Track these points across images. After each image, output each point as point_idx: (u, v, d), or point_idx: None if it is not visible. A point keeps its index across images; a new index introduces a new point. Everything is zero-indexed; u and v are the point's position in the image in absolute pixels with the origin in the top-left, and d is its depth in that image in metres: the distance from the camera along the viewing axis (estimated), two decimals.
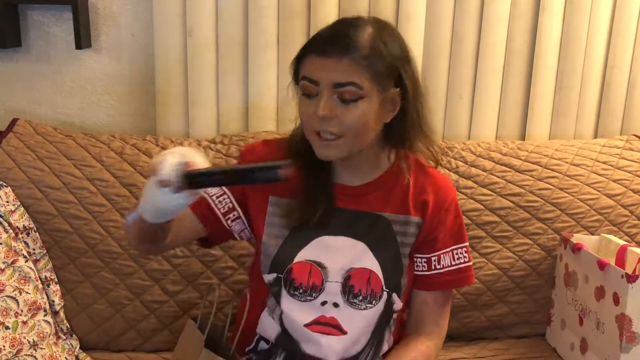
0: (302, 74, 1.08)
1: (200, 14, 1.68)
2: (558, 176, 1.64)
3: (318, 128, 1.07)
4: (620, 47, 1.79)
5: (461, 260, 1.21)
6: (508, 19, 1.74)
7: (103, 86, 1.78)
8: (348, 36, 1.05)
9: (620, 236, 1.61)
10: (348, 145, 1.08)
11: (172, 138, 1.69)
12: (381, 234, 1.16)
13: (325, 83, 1.05)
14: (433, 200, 1.19)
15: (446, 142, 1.72)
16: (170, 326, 1.53)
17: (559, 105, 1.81)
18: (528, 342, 1.61)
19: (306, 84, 1.07)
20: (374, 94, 1.06)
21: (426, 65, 1.75)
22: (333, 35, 1.07)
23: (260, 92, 1.72)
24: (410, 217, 1.17)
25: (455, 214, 1.22)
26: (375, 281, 1.15)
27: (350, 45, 1.04)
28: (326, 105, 1.04)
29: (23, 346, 1.35)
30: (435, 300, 1.22)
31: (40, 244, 1.51)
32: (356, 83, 1.04)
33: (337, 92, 1.05)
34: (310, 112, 1.07)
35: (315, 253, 1.15)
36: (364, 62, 1.04)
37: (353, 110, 1.05)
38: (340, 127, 1.06)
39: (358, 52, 1.04)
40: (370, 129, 1.09)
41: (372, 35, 1.07)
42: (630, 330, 1.30)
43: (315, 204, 1.14)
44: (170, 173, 0.88)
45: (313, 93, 1.06)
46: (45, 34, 1.74)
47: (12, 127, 1.64)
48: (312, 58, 1.06)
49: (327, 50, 1.05)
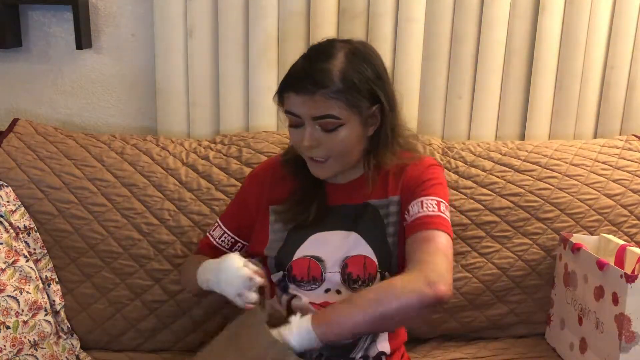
0: (285, 107, 1.18)
1: (201, 14, 1.68)
2: (557, 176, 1.64)
3: (307, 154, 1.19)
4: (620, 47, 1.79)
5: (429, 209, 1.18)
6: (508, 19, 1.74)
7: (103, 86, 1.79)
8: (320, 71, 1.13)
9: (620, 236, 1.61)
10: (337, 164, 1.20)
11: (173, 138, 1.70)
12: (370, 221, 1.24)
13: (305, 116, 1.15)
14: (410, 173, 1.24)
15: (446, 142, 1.73)
16: (170, 326, 1.53)
17: (559, 105, 1.81)
18: (527, 341, 1.61)
19: (290, 117, 1.18)
20: (353, 118, 1.16)
21: (426, 65, 1.75)
22: (305, 71, 1.15)
23: (260, 92, 1.72)
24: (390, 197, 1.24)
25: (429, 176, 1.23)
26: (371, 265, 1.22)
27: (322, 81, 1.12)
28: (310, 137, 1.16)
29: (24, 346, 1.35)
30: (414, 241, 1.16)
31: (40, 243, 1.51)
32: (332, 115, 1.14)
33: (318, 123, 1.14)
34: (299, 141, 1.18)
35: (312, 249, 1.24)
36: (337, 95, 1.13)
37: (335, 137, 1.16)
38: (327, 151, 1.17)
39: (331, 86, 1.12)
40: (354, 148, 1.20)
41: (343, 66, 1.14)
42: (629, 330, 1.30)
43: (310, 205, 1.25)
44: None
45: (298, 124, 1.17)
46: (45, 34, 1.75)
47: (13, 127, 1.64)
48: (289, 95, 1.16)
49: (301, 87, 1.14)
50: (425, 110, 1.79)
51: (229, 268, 1.15)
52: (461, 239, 1.58)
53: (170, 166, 1.60)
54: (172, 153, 1.64)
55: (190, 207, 1.56)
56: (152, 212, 1.55)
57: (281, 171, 1.31)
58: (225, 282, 1.15)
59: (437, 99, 1.78)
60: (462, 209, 1.59)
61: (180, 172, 1.60)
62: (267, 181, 1.33)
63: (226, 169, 1.61)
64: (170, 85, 1.73)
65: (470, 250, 1.58)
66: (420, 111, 1.79)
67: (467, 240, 1.58)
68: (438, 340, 1.60)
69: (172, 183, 1.58)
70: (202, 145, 1.67)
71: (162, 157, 1.62)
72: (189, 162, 1.62)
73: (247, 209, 1.33)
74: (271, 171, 1.34)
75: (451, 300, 1.35)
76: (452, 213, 1.57)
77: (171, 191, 1.57)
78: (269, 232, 1.28)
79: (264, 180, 1.33)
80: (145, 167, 1.59)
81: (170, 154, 1.63)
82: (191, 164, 1.62)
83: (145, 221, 1.54)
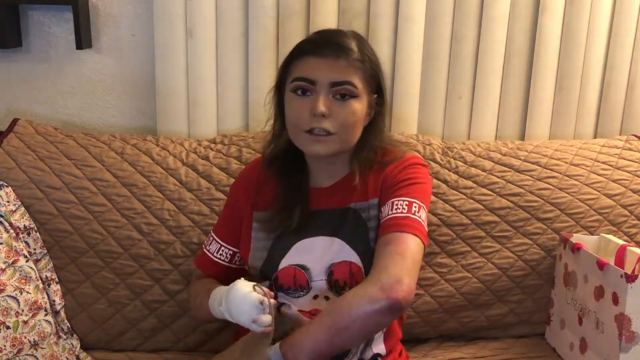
0: (296, 74, 1.15)
1: (201, 14, 1.68)
2: (557, 176, 1.64)
3: (311, 126, 1.14)
4: (620, 47, 1.79)
5: (398, 211, 1.14)
6: (508, 19, 1.74)
7: (103, 86, 1.79)
8: (341, 40, 1.15)
9: (620, 236, 1.61)
10: (338, 142, 1.16)
11: (173, 138, 1.70)
12: (352, 226, 1.21)
13: (323, 82, 1.12)
14: (387, 174, 1.22)
15: (446, 142, 1.73)
16: (170, 326, 1.53)
17: (559, 105, 1.81)
18: (527, 341, 1.60)
19: (301, 83, 1.14)
20: (364, 94, 1.16)
21: (426, 65, 1.75)
22: (326, 39, 1.16)
23: (260, 92, 1.72)
24: (370, 200, 1.22)
25: (407, 175, 1.20)
26: (357, 270, 1.19)
27: (344, 47, 1.14)
28: (325, 103, 1.12)
29: (24, 346, 1.35)
30: (378, 246, 1.13)
31: (40, 243, 1.51)
32: (352, 82, 1.13)
33: (333, 90, 1.13)
34: (305, 111, 1.14)
35: (296, 257, 1.22)
36: (357, 63, 1.14)
37: (348, 108, 1.14)
38: (335, 124, 1.14)
39: (352, 54, 1.14)
40: (358, 128, 1.19)
41: (358, 43, 1.17)
42: (629, 329, 1.30)
43: (293, 211, 1.23)
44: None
45: (309, 91, 1.13)
46: (45, 34, 1.75)
47: (13, 127, 1.64)
48: (307, 59, 1.14)
49: (324, 51, 1.13)
50: (425, 110, 1.79)
51: (237, 296, 1.10)
52: (461, 239, 1.58)
53: (170, 166, 1.60)
54: (172, 153, 1.64)
55: (190, 207, 1.56)
56: (152, 212, 1.55)
57: (265, 173, 1.29)
58: (236, 311, 1.10)
59: (437, 99, 1.78)
60: (462, 209, 1.59)
61: (180, 172, 1.60)
62: (252, 185, 1.31)
63: (226, 169, 1.61)
64: (170, 85, 1.73)
65: (470, 250, 1.58)
66: (420, 111, 1.79)
67: (467, 240, 1.58)
68: (438, 340, 1.60)
69: (172, 183, 1.58)
70: (202, 145, 1.67)
71: (162, 157, 1.62)
72: (189, 162, 1.62)
73: (239, 215, 1.31)
74: (257, 173, 1.31)
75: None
76: (452, 213, 1.58)
77: (171, 191, 1.57)
78: (252, 240, 1.27)
79: (250, 184, 1.31)
80: (145, 167, 1.59)
81: (170, 154, 1.63)
82: (191, 164, 1.62)
83: (145, 221, 1.54)
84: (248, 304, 1.08)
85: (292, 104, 1.16)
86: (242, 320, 1.10)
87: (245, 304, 1.08)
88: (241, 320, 1.10)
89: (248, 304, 1.08)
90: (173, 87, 1.73)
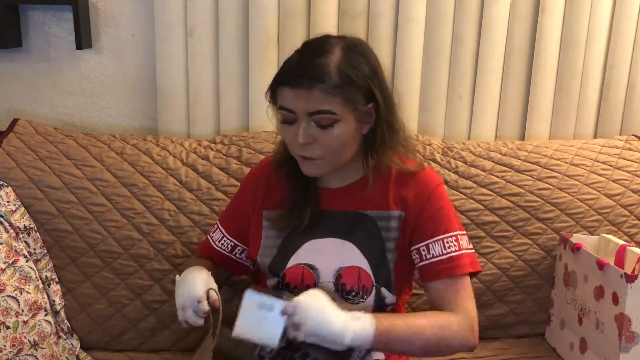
0: (279, 103, 1.14)
1: (201, 14, 1.68)
2: (557, 176, 1.64)
3: (300, 153, 1.15)
4: (620, 47, 1.79)
5: (452, 249, 1.19)
6: (508, 20, 1.74)
7: (103, 86, 1.79)
8: (316, 66, 1.10)
9: (620, 236, 1.61)
10: (330, 163, 1.16)
11: (173, 138, 1.70)
12: (367, 232, 1.20)
13: (300, 112, 1.11)
14: (414, 192, 1.21)
15: (446, 142, 1.73)
16: (170, 326, 1.53)
17: (559, 105, 1.81)
18: (527, 341, 1.61)
19: (284, 112, 1.13)
20: (348, 115, 1.12)
21: (426, 65, 1.75)
22: (301, 65, 1.11)
23: (260, 92, 1.72)
24: (391, 211, 1.21)
25: (438, 203, 1.21)
26: (365, 277, 1.19)
27: (320, 75, 1.09)
28: (305, 133, 1.11)
29: (24, 346, 1.35)
30: (447, 287, 1.19)
31: (40, 243, 1.51)
32: (329, 110, 1.10)
33: (313, 119, 1.11)
34: (292, 138, 1.14)
35: (306, 257, 1.21)
36: (334, 90, 1.09)
37: (330, 134, 1.12)
38: (321, 149, 1.13)
39: (328, 81, 1.09)
40: (349, 146, 1.16)
41: (340, 61, 1.11)
42: (629, 330, 1.30)
43: (303, 211, 1.22)
44: None
45: (292, 120, 1.13)
46: (45, 34, 1.75)
47: (13, 127, 1.64)
48: (284, 89, 1.12)
49: (297, 82, 1.10)
50: (426, 110, 1.79)
51: (187, 282, 1.16)
52: None
53: (170, 166, 1.60)
54: (172, 153, 1.64)
55: (190, 207, 1.56)
56: (152, 212, 1.55)
57: (275, 172, 1.28)
58: (180, 290, 1.16)
59: (438, 99, 1.78)
60: (462, 209, 1.59)
61: (180, 172, 1.60)
62: (262, 184, 1.30)
63: (226, 169, 1.61)
64: (170, 85, 1.73)
65: None
66: (420, 111, 1.79)
67: None
68: None
69: (172, 183, 1.58)
70: (202, 145, 1.67)
71: (162, 157, 1.62)
72: (189, 162, 1.62)
73: (244, 212, 1.31)
74: (267, 173, 1.30)
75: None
76: None
77: (171, 191, 1.57)
78: (262, 237, 1.26)
79: (259, 183, 1.30)
80: (145, 167, 1.59)
81: (170, 154, 1.63)
82: (191, 164, 1.62)
83: (145, 221, 1.54)
84: (189, 293, 1.14)
85: (282, 130, 1.17)
86: (177, 302, 1.16)
87: (187, 292, 1.14)
88: (177, 302, 1.16)
89: (188, 294, 1.14)
90: (173, 87, 1.73)
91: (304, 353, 1.21)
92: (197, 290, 1.13)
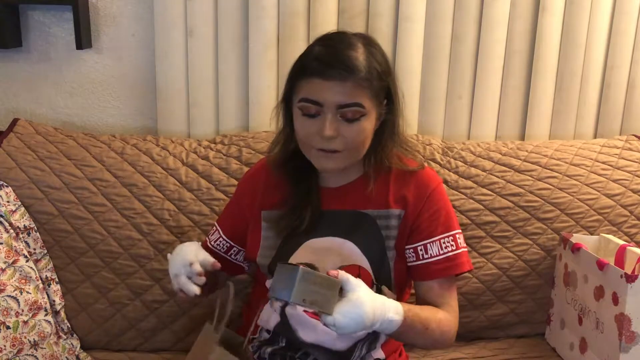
0: (302, 95, 1.11)
1: (201, 14, 1.68)
2: (557, 176, 1.64)
3: (321, 146, 1.12)
4: (620, 47, 1.79)
5: (449, 249, 1.20)
6: (508, 20, 1.74)
7: (103, 86, 1.79)
8: (347, 58, 1.09)
9: (620, 236, 1.61)
10: (348, 158, 1.15)
11: (173, 138, 1.70)
12: (367, 231, 1.21)
13: (329, 104, 1.09)
14: (414, 191, 1.22)
15: (446, 142, 1.73)
16: (170, 326, 1.53)
17: (559, 105, 1.81)
18: (527, 341, 1.61)
19: (307, 105, 1.11)
20: (373, 109, 1.12)
21: (426, 65, 1.75)
22: (332, 57, 1.09)
23: (260, 92, 1.72)
24: (391, 210, 1.21)
25: (438, 203, 1.22)
26: (365, 276, 1.19)
27: (352, 67, 1.08)
28: (332, 126, 1.09)
29: (24, 346, 1.35)
30: (440, 286, 1.21)
31: (40, 243, 1.51)
32: (360, 103, 1.09)
33: (341, 112, 1.09)
34: (312, 132, 1.12)
35: (305, 256, 1.21)
36: (365, 83, 1.09)
37: (356, 128, 1.11)
38: (343, 144, 1.12)
39: (359, 73, 1.08)
40: (367, 142, 1.16)
41: (366, 55, 1.11)
42: (629, 330, 1.30)
43: (304, 211, 1.21)
44: None
45: (314, 113, 1.11)
46: (45, 34, 1.75)
47: (13, 127, 1.64)
48: (313, 80, 1.09)
49: (329, 73, 1.08)
50: (426, 110, 1.79)
51: (177, 251, 1.16)
52: None
53: (170, 166, 1.60)
54: (172, 153, 1.64)
55: (190, 207, 1.56)
56: (152, 212, 1.55)
57: (272, 174, 1.27)
58: (172, 261, 1.16)
59: (437, 99, 1.78)
60: (462, 209, 1.59)
61: (180, 172, 1.60)
62: (259, 185, 1.29)
63: (226, 169, 1.61)
64: (170, 85, 1.73)
65: (470, 250, 1.58)
66: (420, 111, 1.79)
67: (467, 240, 1.58)
68: None
69: (172, 183, 1.58)
70: (202, 145, 1.67)
71: (162, 157, 1.62)
72: (189, 162, 1.62)
73: (241, 212, 1.31)
74: (265, 173, 1.30)
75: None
76: None
77: (171, 191, 1.57)
78: (261, 238, 1.26)
79: (257, 184, 1.30)
80: (145, 167, 1.59)
81: (170, 154, 1.64)
82: (191, 164, 1.62)
83: (145, 221, 1.54)
84: (181, 259, 1.13)
85: (301, 123, 1.14)
86: (170, 271, 1.15)
87: (180, 258, 1.14)
88: (170, 271, 1.15)
89: (181, 259, 1.13)
90: (173, 87, 1.73)
91: (304, 353, 1.21)
92: (188, 254, 1.14)
